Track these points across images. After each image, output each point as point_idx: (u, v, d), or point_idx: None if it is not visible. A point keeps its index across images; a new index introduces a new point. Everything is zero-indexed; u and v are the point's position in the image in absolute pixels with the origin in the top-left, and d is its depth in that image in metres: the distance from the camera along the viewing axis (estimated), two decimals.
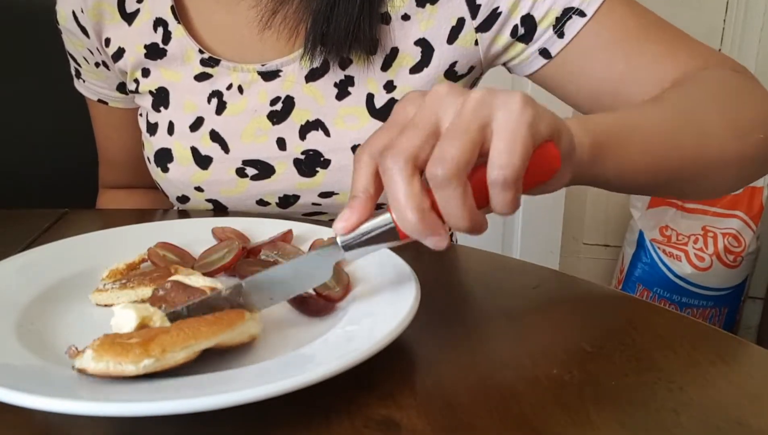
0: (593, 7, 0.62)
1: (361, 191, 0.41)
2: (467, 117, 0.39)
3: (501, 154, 0.38)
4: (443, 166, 0.37)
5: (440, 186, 0.38)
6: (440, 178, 0.38)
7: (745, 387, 0.39)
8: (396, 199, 0.39)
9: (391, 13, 0.65)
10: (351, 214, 0.41)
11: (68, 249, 0.53)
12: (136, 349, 0.35)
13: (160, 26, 0.71)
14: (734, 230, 1.76)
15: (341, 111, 0.67)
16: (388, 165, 0.39)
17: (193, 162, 0.70)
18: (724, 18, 1.87)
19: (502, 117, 0.39)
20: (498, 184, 0.38)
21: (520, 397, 0.38)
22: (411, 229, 0.39)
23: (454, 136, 0.38)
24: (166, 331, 0.37)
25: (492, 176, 0.38)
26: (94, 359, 0.35)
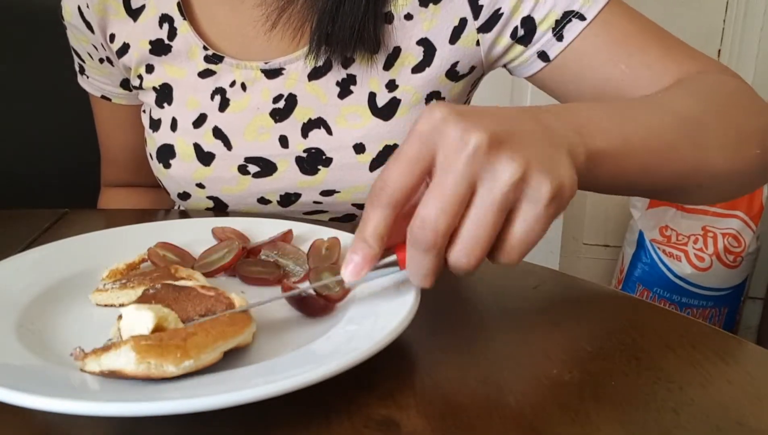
0: (593, 12, 0.62)
1: (374, 240, 0.40)
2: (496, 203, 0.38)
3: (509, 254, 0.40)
4: (467, 263, 0.39)
5: (457, 271, 0.40)
6: (461, 270, 0.40)
7: (746, 387, 0.39)
8: (417, 271, 0.40)
9: (394, 12, 0.66)
10: (363, 266, 0.41)
11: (68, 249, 0.53)
12: (176, 351, 0.35)
13: (165, 22, 0.71)
14: (734, 230, 1.76)
15: (343, 109, 0.67)
16: (419, 242, 0.39)
17: (196, 158, 0.70)
18: (724, 18, 1.87)
19: (527, 213, 0.39)
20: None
21: (520, 397, 0.38)
22: (419, 286, 0.41)
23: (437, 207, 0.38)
24: (194, 333, 0.37)
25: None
26: (137, 361, 0.35)
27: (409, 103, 0.66)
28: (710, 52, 1.91)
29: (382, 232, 0.40)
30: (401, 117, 0.66)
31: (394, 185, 0.39)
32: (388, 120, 0.66)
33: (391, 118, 0.66)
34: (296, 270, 0.52)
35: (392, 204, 0.40)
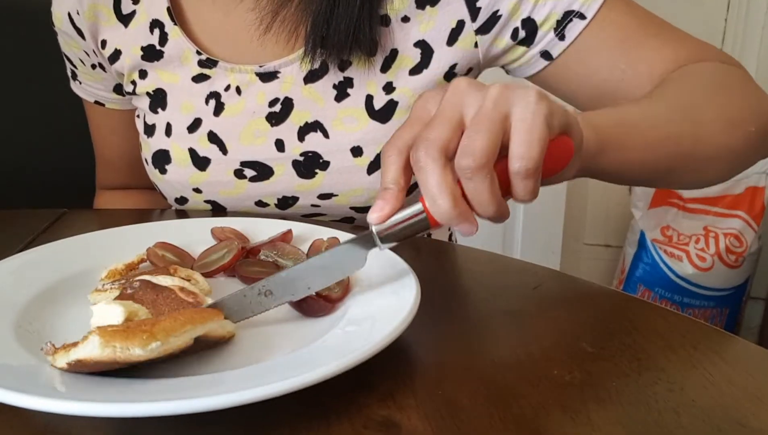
0: (593, 10, 0.63)
1: (392, 183, 0.43)
2: (489, 110, 0.41)
3: (521, 146, 0.41)
4: (473, 158, 0.40)
5: (470, 176, 0.40)
6: (470, 169, 0.40)
7: (747, 388, 0.39)
8: (429, 188, 0.41)
9: (390, 14, 0.65)
10: (384, 205, 0.43)
11: (67, 249, 0.53)
12: (143, 334, 0.35)
13: (156, 28, 0.70)
14: (736, 230, 1.75)
15: (340, 112, 0.67)
16: (420, 156, 0.41)
17: (191, 163, 0.70)
18: (726, 17, 1.87)
19: (520, 111, 0.41)
20: (520, 174, 0.41)
21: (520, 398, 0.38)
22: (444, 216, 0.41)
23: (479, 129, 0.41)
24: (163, 320, 0.37)
25: (514, 168, 0.41)
26: (101, 346, 0.34)
27: (407, 105, 0.66)
28: None
29: (398, 176, 0.43)
30: (399, 119, 0.66)
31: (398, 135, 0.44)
32: (385, 122, 0.66)
33: (389, 120, 0.66)
34: None
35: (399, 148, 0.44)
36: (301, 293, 0.44)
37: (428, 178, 0.41)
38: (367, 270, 0.49)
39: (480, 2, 0.64)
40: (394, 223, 0.43)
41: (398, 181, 0.44)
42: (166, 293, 0.44)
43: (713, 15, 1.87)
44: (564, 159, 0.45)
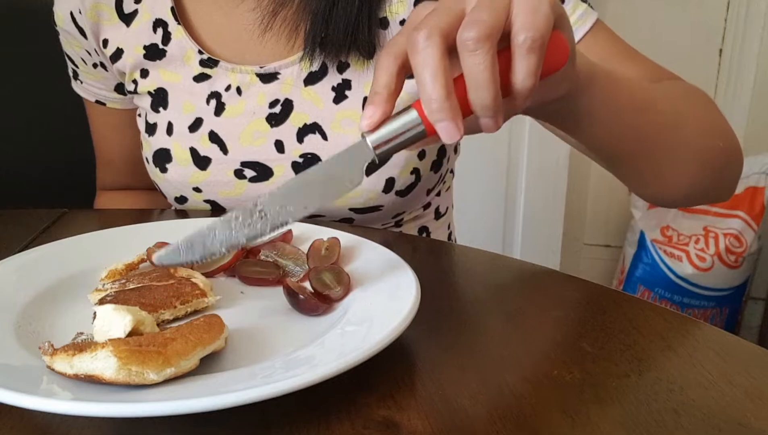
0: (579, 34, 0.65)
1: (382, 87, 0.41)
2: None
3: (526, 18, 0.39)
4: (476, 28, 0.38)
5: (472, 49, 0.38)
6: (473, 41, 0.38)
7: (747, 388, 0.39)
8: (424, 74, 0.39)
9: (389, 17, 0.66)
10: (375, 110, 0.41)
11: (67, 249, 0.53)
12: (158, 358, 0.35)
13: (159, 27, 0.71)
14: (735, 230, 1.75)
15: (338, 115, 0.67)
16: (419, 38, 0.39)
17: (192, 162, 0.70)
18: (726, 17, 1.87)
19: None
20: (525, 45, 0.39)
21: (520, 398, 0.38)
22: (437, 106, 0.39)
23: (483, 6, 0.39)
24: (172, 338, 0.37)
25: (519, 39, 0.39)
26: (117, 369, 0.34)
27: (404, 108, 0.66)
28: (711, 51, 1.91)
29: (390, 80, 0.41)
30: None
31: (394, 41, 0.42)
32: None
33: None
34: (296, 270, 0.52)
35: (394, 54, 0.42)
36: (299, 214, 0.41)
37: (425, 61, 0.39)
38: (368, 270, 0.49)
39: None
40: (388, 132, 0.41)
41: (389, 85, 0.42)
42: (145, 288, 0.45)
43: (713, 15, 1.87)
44: (560, 57, 0.43)
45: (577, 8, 0.64)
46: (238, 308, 0.48)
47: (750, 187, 1.76)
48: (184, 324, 0.39)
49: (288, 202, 0.41)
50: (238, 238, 0.41)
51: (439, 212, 0.80)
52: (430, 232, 0.79)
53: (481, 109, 0.40)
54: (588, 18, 0.65)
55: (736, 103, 1.92)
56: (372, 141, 0.41)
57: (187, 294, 0.46)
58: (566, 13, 0.44)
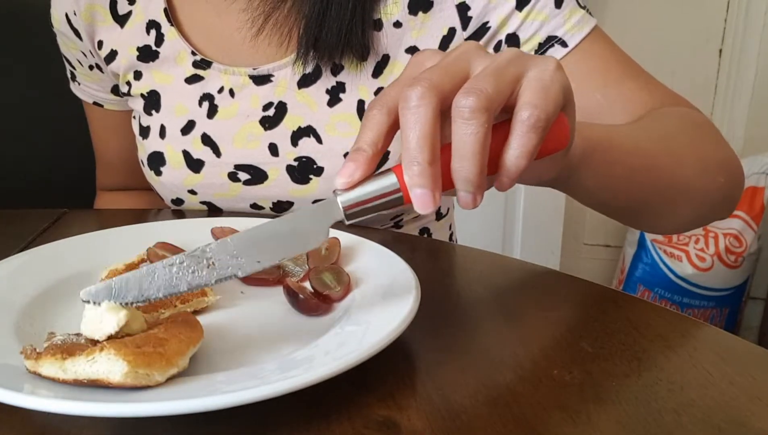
0: (575, 40, 0.64)
1: (367, 144, 0.38)
2: (501, 66, 0.38)
3: (534, 94, 0.37)
4: (475, 97, 0.36)
5: (466, 117, 0.36)
6: (469, 109, 0.36)
7: (747, 388, 0.39)
8: (411, 135, 0.36)
9: (383, 20, 0.65)
10: (355, 169, 0.38)
11: (67, 249, 0.53)
12: (161, 359, 0.35)
13: (153, 28, 0.70)
14: (735, 230, 1.76)
15: (333, 118, 0.67)
16: (410, 96, 0.36)
17: (185, 165, 0.70)
18: (725, 17, 1.87)
19: (537, 72, 0.38)
20: (528, 124, 0.37)
21: (520, 398, 0.38)
22: (418, 171, 0.36)
23: (487, 76, 0.37)
24: (167, 339, 0.37)
25: (522, 116, 0.37)
26: (126, 374, 0.34)
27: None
28: (711, 51, 1.91)
29: (377, 137, 0.38)
30: None
31: (388, 93, 0.39)
32: None
33: None
34: (296, 270, 0.52)
35: (387, 108, 0.38)
36: (249, 267, 0.38)
37: (415, 120, 0.36)
38: (368, 270, 0.49)
39: (471, 12, 0.64)
40: (363, 195, 0.38)
41: (376, 143, 0.38)
42: None
43: (713, 15, 1.87)
44: (560, 141, 0.41)
45: (575, 14, 0.64)
46: (238, 308, 0.48)
47: (750, 187, 1.76)
48: (167, 324, 0.39)
49: (241, 254, 0.38)
50: (179, 286, 0.38)
51: (440, 213, 0.80)
52: (431, 233, 0.79)
53: (462, 183, 0.37)
54: (585, 24, 0.64)
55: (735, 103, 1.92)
56: (343, 201, 0.38)
57: (187, 293, 0.46)
58: (574, 99, 0.42)
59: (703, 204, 0.62)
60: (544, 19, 0.64)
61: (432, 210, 0.37)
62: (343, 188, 0.38)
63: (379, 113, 0.38)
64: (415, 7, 0.65)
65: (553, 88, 0.38)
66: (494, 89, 0.36)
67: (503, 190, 0.40)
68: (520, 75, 0.38)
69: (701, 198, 0.61)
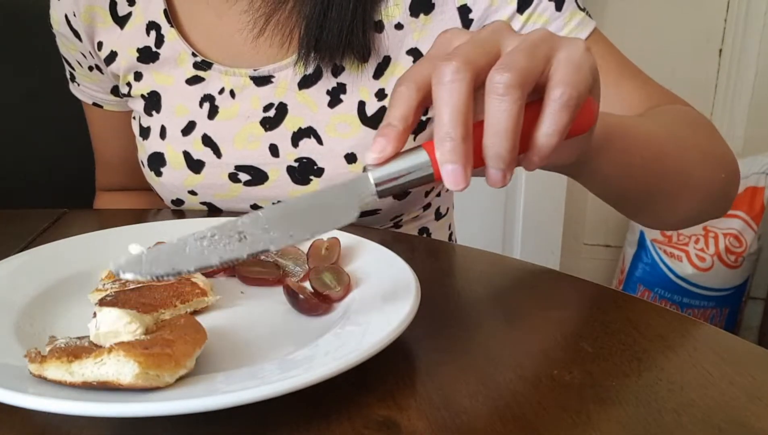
0: None
1: (398, 120, 0.38)
2: (532, 44, 0.38)
3: (567, 72, 0.37)
4: (510, 73, 0.36)
5: (501, 93, 0.36)
6: (503, 85, 0.35)
7: (747, 388, 0.39)
8: (445, 111, 0.36)
9: (384, 21, 0.65)
10: (386, 145, 0.38)
11: (67, 249, 0.53)
12: (170, 360, 0.35)
13: (153, 30, 0.70)
14: (735, 230, 1.76)
15: (333, 119, 0.67)
16: (445, 72, 0.36)
17: (186, 166, 0.70)
18: (725, 18, 1.87)
19: (568, 52, 0.38)
20: (561, 102, 0.37)
21: (520, 398, 0.38)
22: (450, 147, 0.36)
23: (519, 53, 0.37)
24: (173, 340, 0.37)
25: (555, 94, 0.37)
26: (137, 375, 0.34)
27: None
28: (711, 51, 1.91)
29: (408, 112, 0.38)
30: None
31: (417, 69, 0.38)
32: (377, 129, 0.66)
33: None
34: (296, 270, 0.52)
35: (416, 83, 0.38)
36: (282, 241, 0.37)
37: (450, 96, 0.36)
38: (368, 270, 0.49)
39: (473, 14, 0.64)
40: (393, 171, 0.38)
41: (407, 118, 0.38)
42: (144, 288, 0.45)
43: (713, 15, 1.87)
44: (586, 122, 0.41)
45: (575, 16, 0.64)
46: (238, 308, 0.48)
47: (750, 187, 1.76)
48: (171, 326, 0.39)
49: (273, 228, 0.37)
50: (211, 260, 0.37)
51: (439, 213, 0.80)
52: (430, 233, 0.79)
53: (493, 159, 0.38)
54: (585, 27, 0.64)
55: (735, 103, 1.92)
56: (375, 177, 0.38)
57: (188, 293, 0.46)
58: (600, 81, 0.42)
59: (706, 196, 0.62)
60: (545, 21, 0.64)
61: (463, 187, 0.37)
62: (375, 163, 0.38)
63: (408, 89, 0.38)
64: (416, 8, 0.65)
65: (583, 69, 0.38)
66: (528, 64, 0.36)
67: (530, 169, 0.41)
68: (551, 54, 0.38)
69: (705, 190, 0.62)
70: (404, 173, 0.38)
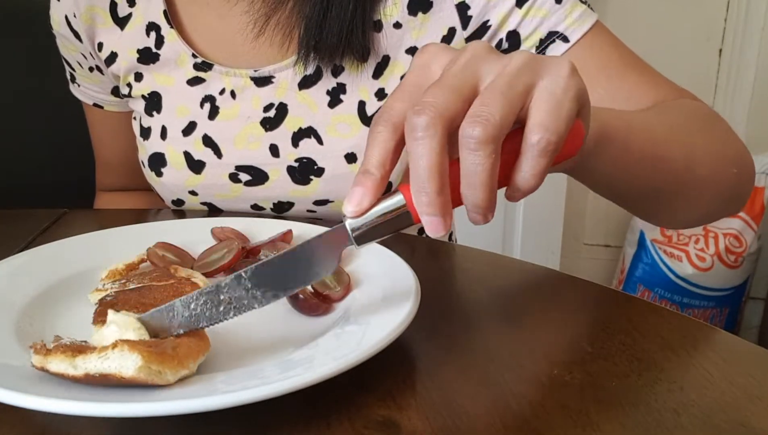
0: (577, 35, 0.64)
1: (375, 167, 0.37)
2: (511, 76, 0.36)
3: (545, 115, 0.36)
4: (482, 127, 0.34)
5: (474, 148, 0.35)
6: (476, 140, 0.35)
7: (747, 388, 0.39)
8: (419, 164, 0.35)
9: (383, 21, 0.65)
10: (364, 195, 0.37)
11: (67, 249, 0.53)
12: (173, 359, 0.35)
13: (152, 30, 0.70)
14: (735, 230, 1.76)
15: (333, 119, 0.67)
16: (416, 125, 0.35)
17: (186, 166, 0.70)
18: (725, 17, 1.87)
19: (549, 82, 0.37)
20: (538, 148, 0.36)
21: (520, 398, 0.38)
22: (427, 200, 0.36)
23: (495, 95, 0.35)
24: (178, 343, 0.37)
25: (533, 139, 0.36)
26: (140, 368, 0.34)
27: None
28: (711, 51, 1.91)
29: (385, 158, 0.37)
30: None
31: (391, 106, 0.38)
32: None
33: None
34: None
35: (393, 124, 0.37)
36: (266, 301, 0.39)
37: (422, 151, 0.35)
38: (368, 270, 0.49)
39: (471, 11, 0.64)
40: (372, 220, 0.38)
41: (384, 164, 0.37)
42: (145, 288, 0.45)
43: (713, 15, 1.87)
44: (574, 146, 0.40)
45: (576, 9, 0.64)
46: None
47: None
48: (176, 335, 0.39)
49: (255, 287, 0.38)
50: (199, 323, 0.39)
51: None
52: None
53: (472, 207, 0.37)
54: (587, 19, 0.64)
55: (735, 103, 1.92)
56: (353, 227, 0.38)
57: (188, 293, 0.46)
58: (589, 100, 0.40)
59: (717, 195, 0.61)
60: (544, 15, 0.63)
61: (444, 234, 0.37)
62: (353, 216, 0.38)
63: (385, 129, 0.38)
64: (414, 7, 0.65)
65: (565, 103, 0.36)
66: (502, 113, 0.35)
67: (514, 201, 0.40)
68: (531, 85, 0.37)
69: (715, 189, 0.60)
70: (382, 221, 0.38)
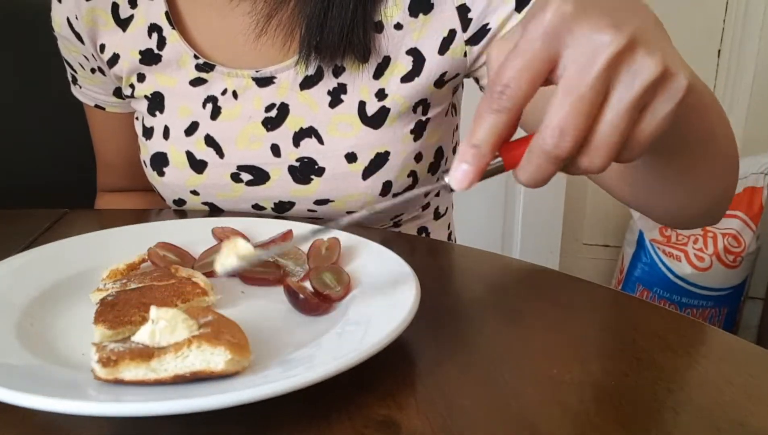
0: None
1: (489, 148, 0.37)
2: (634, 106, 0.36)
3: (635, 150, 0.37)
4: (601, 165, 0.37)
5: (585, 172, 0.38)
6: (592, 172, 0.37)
7: (746, 387, 0.39)
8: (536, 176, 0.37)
9: (384, 21, 0.66)
10: (470, 170, 0.37)
11: (68, 249, 0.53)
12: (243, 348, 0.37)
13: (154, 32, 0.71)
14: (734, 230, 1.76)
15: (334, 118, 0.67)
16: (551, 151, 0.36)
17: (188, 166, 0.70)
18: (724, 18, 1.87)
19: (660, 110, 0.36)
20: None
21: (520, 397, 0.38)
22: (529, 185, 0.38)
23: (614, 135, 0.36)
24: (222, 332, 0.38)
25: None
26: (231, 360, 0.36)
27: (398, 111, 0.67)
28: (710, 52, 1.91)
29: (497, 140, 0.37)
30: (390, 126, 0.67)
31: (516, 86, 0.36)
32: (377, 129, 0.67)
33: (381, 126, 0.67)
34: (296, 270, 0.52)
35: (511, 108, 0.37)
36: None
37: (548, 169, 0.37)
38: (368, 270, 0.49)
39: (471, 13, 0.65)
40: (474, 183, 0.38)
41: (496, 145, 0.37)
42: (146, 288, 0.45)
43: (712, 16, 1.88)
44: None
45: None
46: (239, 308, 0.48)
47: (748, 187, 1.76)
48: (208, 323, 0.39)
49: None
50: None
51: (438, 213, 0.80)
52: (429, 233, 0.79)
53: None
54: None
55: (734, 104, 1.92)
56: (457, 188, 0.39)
57: (188, 293, 0.46)
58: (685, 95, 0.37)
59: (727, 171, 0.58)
60: None
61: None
62: (458, 188, 0.38)
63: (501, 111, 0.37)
64: (415, 8, 0.65)
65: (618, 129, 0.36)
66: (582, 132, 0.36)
67: None
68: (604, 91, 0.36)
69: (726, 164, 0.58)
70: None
